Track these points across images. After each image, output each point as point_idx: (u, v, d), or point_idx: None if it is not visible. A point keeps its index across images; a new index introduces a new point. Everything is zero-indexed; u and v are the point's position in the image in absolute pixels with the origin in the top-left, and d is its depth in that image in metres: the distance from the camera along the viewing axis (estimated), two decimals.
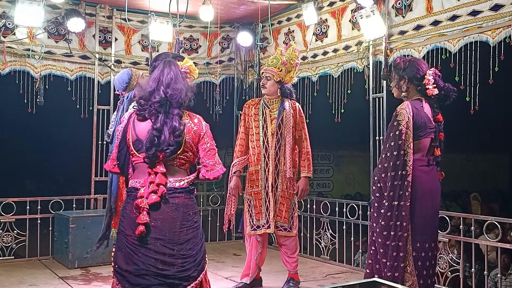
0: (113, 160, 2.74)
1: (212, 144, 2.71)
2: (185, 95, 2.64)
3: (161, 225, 2.53)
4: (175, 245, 2.54)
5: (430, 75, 3.46)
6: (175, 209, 2.57)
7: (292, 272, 4.65)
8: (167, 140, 2.54)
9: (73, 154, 10.66)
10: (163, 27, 6.02)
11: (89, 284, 4.95)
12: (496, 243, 4.37)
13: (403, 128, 3.34)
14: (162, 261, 2.51)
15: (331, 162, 16.17)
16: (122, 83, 3.95)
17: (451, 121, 3.99)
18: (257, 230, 4.54)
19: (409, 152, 3.34)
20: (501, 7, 4.21)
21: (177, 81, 2.66)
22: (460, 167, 15.20)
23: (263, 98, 4.68)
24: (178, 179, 2.61)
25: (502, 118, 12.95)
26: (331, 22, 5.94)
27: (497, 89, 5.31)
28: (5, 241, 5.71)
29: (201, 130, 2.68)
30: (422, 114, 3.42)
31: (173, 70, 2.69)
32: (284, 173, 4.54)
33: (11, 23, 5.67)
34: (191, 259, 2.57)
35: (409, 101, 3.47)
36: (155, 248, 2.51)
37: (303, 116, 4.69)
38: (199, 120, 2.71)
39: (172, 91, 2.61)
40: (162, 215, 2.55)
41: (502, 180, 17.18)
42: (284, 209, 4.55)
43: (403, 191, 3.33)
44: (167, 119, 2.57)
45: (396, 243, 3.33)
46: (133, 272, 2.51)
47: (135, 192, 2.61)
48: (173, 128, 2.56)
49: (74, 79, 6.21)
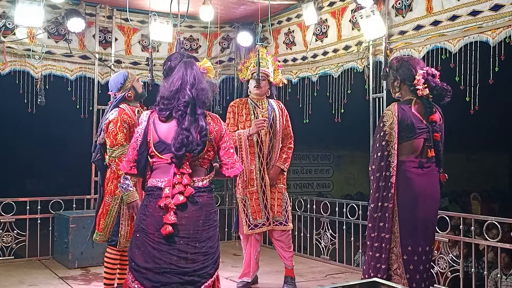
0: (129, 161, 2.73)
1: (231, 143, 2.80)
2: (209, 95, 2.71)
3: (186, 224, 2.59)
4: (198, 243, 2.60)
5: (420, 75, 3.41)
6: (199, 208, 2.63)
7: (289, 267, 4.68)
8: (195, 140, 2.58)
9: (73, 154, 10.65)
10: (163, 27, 6.01)
11: (89, 284, 4.95)
12: (496, 243, 4.37)
13: (387, 129, 3.35)
14: (184, 259, 2.57)
15: (331, 162, 16.17)
16: (117, 83, 3.95)
17: (451, 121, 3.98)
18: (256, 229, 4.55)
19: (393, 153, 3.33)
20: (501, 7, 4.21)
21: (201, 81, 2.71)
22: (460, 167, 15.20)
23: (250, 98, 4.72)
24: (200, 179, 2.67)
25: (502, 118, 12.95)
26: (331, 22, 5.93)
27: (497, 89, 5.31)
28: (5, 241, 5.71)
29: (221, 129, 2.74)
30: (410, 114, 3.39)
31: (195, 70, 2.73)
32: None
33: (11, 23, 5.67)
34: (211, 257, 2.65)
35: (397, 103, 3.47)
36: (179, 247, 2.57)
37: (287, 114, 4.82)
38: (219, 119, 2.78)
39: (198, 91, 2.66)
40: (188, 214, 2.60)
41: (502, 180, 17.19)
42: (277, 203, 4.61)
43: (386, 192, 3.33)
44: (193, 119, 2.61)
45: (379, 244, 3.34)
46: (153, 270, 2.55)
47: (157, 191, 2.63)
48: (200, 128, 2.61)
49: (74, 79, 6.21)
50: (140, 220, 2.68)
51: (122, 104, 3.88)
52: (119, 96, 3.90)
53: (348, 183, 16.04)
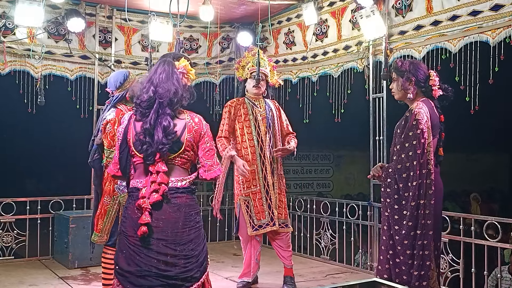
0: (115, 164, 2.71)
1: (212, 144, 2.69)
2: (177, 94, 2.60)
3: (163, 226, 2.52)
4: (178, 246, 2.52)
5: (435, 76, 3.52)
6: (177, 209, 2.55)
7: (289, 266, 4.68)
8: (160, 139, 2.52)
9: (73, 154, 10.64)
10: (163, 27, 6.01)
11: (89, 284, 4.95)
12: (496, 243, 4.37)
13: (424, 127, 3.35)
14: (164, 262, 2.49)
15: (331, 162, 16.17)
16: (116, 82, 3.92)
17: (451, 121, 3.98)
18: (260, 230, 4.55)
19: (430, 151, 3.36)
20: (501, 7, 4.21)
21: (168, 80, 2.63)
22: (460, 167, 15.21)
23: (247, 98, 4.72)
24: (179, 179, 2.60)
25: (502, 118, 12.95)
26: (331, 22, 5.93)
27: (497, 89, 5.31)
28: (5, 241, 5.71)
29: (201, 129, 2.66)
30: (435, 114, 3.47)
31: (166, 69, 2.66)
32: (278, 171, 4.67)
33: (11, 23, 5.67)
34: (194, 260, 2.55)
35: (421, 101, 3.47)
36: (157, 249, 2.50)
37: (284, 112, 4.88)
38: (200, 120, 2.70)
39: (161, 90, 2.59)
40: (165, 215, 2.53)
41: (502, 180, 17.19)
42: (283, 206, 4.65)
43: (426, 190, 3.34)
44: (158, 119, 2.56)
45: (422, 242, 3.34)
46: (135, 273, 2.49)
47: (136, 192, 2.59)
48: (163, 128, 2.54)
49: (74, 79, 6.21)
50: (122, 222, 2.66)
51: (120, 105, 3.87)
52: (116, 95, 3.88)
53: (348, 183, 16.03)
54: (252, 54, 4.75)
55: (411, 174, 3.35)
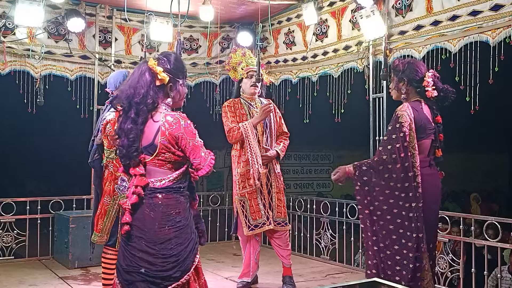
0: None
1: (194, 141, 2.63)
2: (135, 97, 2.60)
3: (141, 225, 2.61)
4: (156, 245, 2.58)
5: (430, 77, 3.44)
6: (152, 209, 2.61)
7: (287, 265, 4.68)
8: (125, 143, 2.60)
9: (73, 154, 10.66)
10: (163, 27, 6.01)
11: (89, 284, 4.95)
12: (496, 243, 4.37)
13: (406, 130, 3.32)
14: (145, 260, 2.58)
15: (331, 162, 16.17)
16: (116, 82, 3.92)
17: (451, 121, 3.99)
18: (256, 229, 4.55)
19: (414, 154, 3.32)
20: (501, 7, 4.21)
21: (129, 85, 2.66)
22: (460, 167, 15.20)
23: (243, 98, 4.73)
24: (158, 179, 2.64)
25: (502, 118, 12.95)
26: (331, 22, 5.93)
27: (497, 89, 5.31)
28: (5, 241, 5.71)
29: (177, 130, 2.60)
30: (422, 116, 3.41)
31: (135, 72, 2.69)
32: (274, 170, 4.67)
33: (11, 23, 5.67)
34: (173, 259, 2.58)
35: (408, 103, 3.45)
36: (139, 247, 2.60)
37: (279, 112, 4.88)
38: (176, 120, 2.62)
39: (122, 95, 2.65)
40: (142, 215, 2.62)
41: (502, 180, 17.19)
42: (282, 204, 4.66)
43: (413, 193, 3.31)
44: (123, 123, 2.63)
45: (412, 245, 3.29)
46: (125, 269, 2.62)
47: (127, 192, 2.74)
48: (126, 132, 2.60)
49: (74, 79, 6.21)
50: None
51: None
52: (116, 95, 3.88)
53: (348, 183, 15.99)
54: (242, 54, 4.76)
55: (393, 176, 3.33)
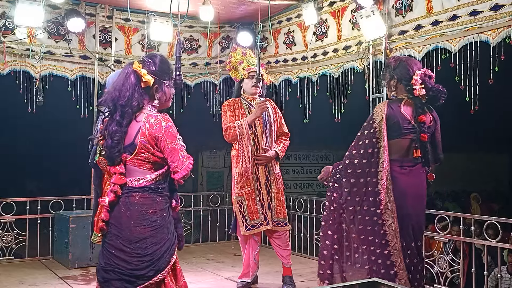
0: None
1: (173, 143, 2.65)
2: (120, 100, 2.67)
3: (118, 223, 2.66)
4: (131, 243, 2.63)
5: (418, 75, 3.40)
6: (128, 208, 2.65)
7: (287, 265, 4.68)
8: (108, 144, 2.66)
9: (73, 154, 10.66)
10: (163, 27, 6.02)
11: (89, 284, 4.95)
12: (496, 243, 4.37)
13: (377, 126, 3.36)
14: (121, 258, 2.62)
15: (331, 162, 16.08)
16: None
17: (451, 121, 3.99)
18: (253, 230, 4.55)
19: (382, 151, 3.32)
20: (501, 7, 4.21)
21: (116, 86, 2.73)
22: (460, 167, 15.20)
23: (243, 98, 4.74)
24: (136, 179, 2.68)
25: (502, 118, 12.94)
26: (331, 22, 5.93)
27: (497, 89, 5.31)
28: (5, 241, 5.71)
29: (157, 131, 2.63)
30: (397, 114, 3.39)
31: (121, 74, 2.77)
32: (274, 170, 4.66)
33: (11, 23, 5.67)
34: (147, 259, 2.61)
35: (387, 101, 3.48)
36: (115, 245, 2.64)
37: (279, 112, 4.88)
38: (157, 121, 2.66)
39: (106, 95, 2.74)
40: (119, 214, 2.66)
41: (502, 180, 17.19)
42: (282, 204, 4.65)
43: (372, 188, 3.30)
44: (108, 125, 2.69)
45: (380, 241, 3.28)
46: (103, 267, 2.67)
47: None
48: (110, 133, 2.66)
49: (74, 79, 6.21)
50: None
51: None
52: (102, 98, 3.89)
53: None
54: (243, 53, 4.76)
55: (358, 171, 3.35)
